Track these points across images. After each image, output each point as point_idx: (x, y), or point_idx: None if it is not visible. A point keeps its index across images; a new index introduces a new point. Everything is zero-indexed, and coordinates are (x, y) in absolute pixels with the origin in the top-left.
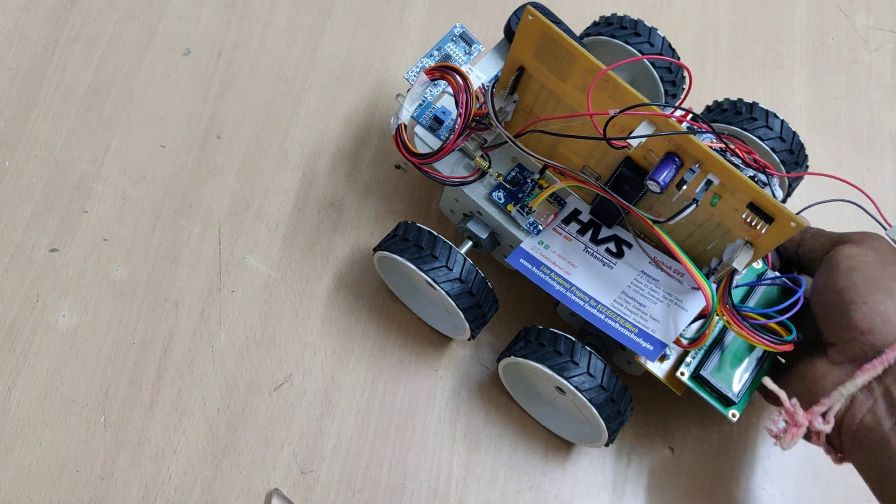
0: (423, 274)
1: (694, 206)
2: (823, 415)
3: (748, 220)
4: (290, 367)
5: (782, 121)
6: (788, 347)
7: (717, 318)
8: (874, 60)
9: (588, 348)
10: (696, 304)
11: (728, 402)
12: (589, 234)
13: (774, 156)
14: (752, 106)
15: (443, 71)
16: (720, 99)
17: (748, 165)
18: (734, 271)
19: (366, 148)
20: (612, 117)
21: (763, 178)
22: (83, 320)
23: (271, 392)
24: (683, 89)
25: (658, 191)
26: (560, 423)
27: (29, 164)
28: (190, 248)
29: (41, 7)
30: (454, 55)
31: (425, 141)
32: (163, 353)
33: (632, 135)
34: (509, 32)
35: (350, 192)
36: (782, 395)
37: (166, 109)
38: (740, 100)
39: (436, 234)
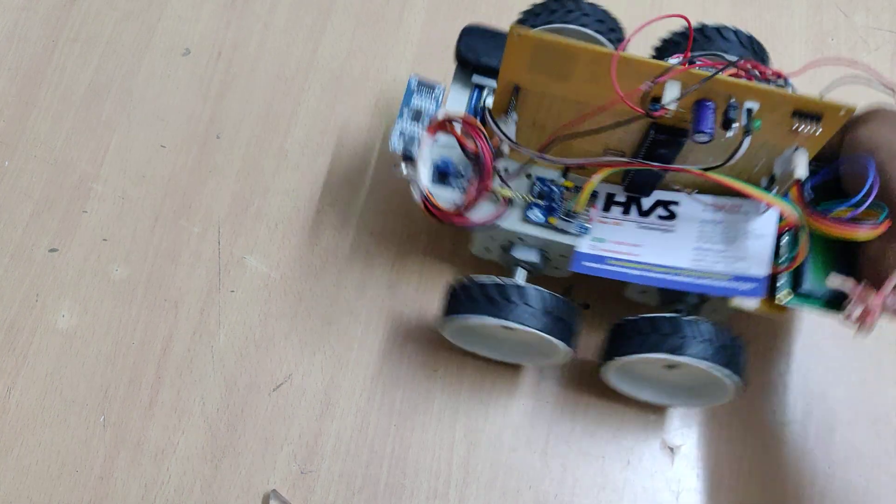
0: (509, 323)
1: (750, 136)
2: (895, 289)
3: (797, 128)
4: (289, 366)
5: (735, 30)
6: (887, 225)
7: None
8: (874, 60)
9: (689, 317)
10: (769, 225)
11: (838, 306)
12: (634, 210)
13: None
14: (702, 28)
15: (445, 125)
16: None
17: (768, 80)
18: (797, 180)
19: (365, 148)
20: (647, 92)
21: (781, 84)
22: (83, 320)
23: (271, 392)
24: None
25: (707, 140)
26: (680, 397)
27: (29, 164)
28: (190, 248)
29: (41, 7)
30: (423, 106)
31: (441, 197)
32: (162, 353)
33: (664, 99)
34: (461, 59)
35: (349, 191)
36: (850, 282)
37: (166, 109)
38: (686, 28)
39: (498, 279)
